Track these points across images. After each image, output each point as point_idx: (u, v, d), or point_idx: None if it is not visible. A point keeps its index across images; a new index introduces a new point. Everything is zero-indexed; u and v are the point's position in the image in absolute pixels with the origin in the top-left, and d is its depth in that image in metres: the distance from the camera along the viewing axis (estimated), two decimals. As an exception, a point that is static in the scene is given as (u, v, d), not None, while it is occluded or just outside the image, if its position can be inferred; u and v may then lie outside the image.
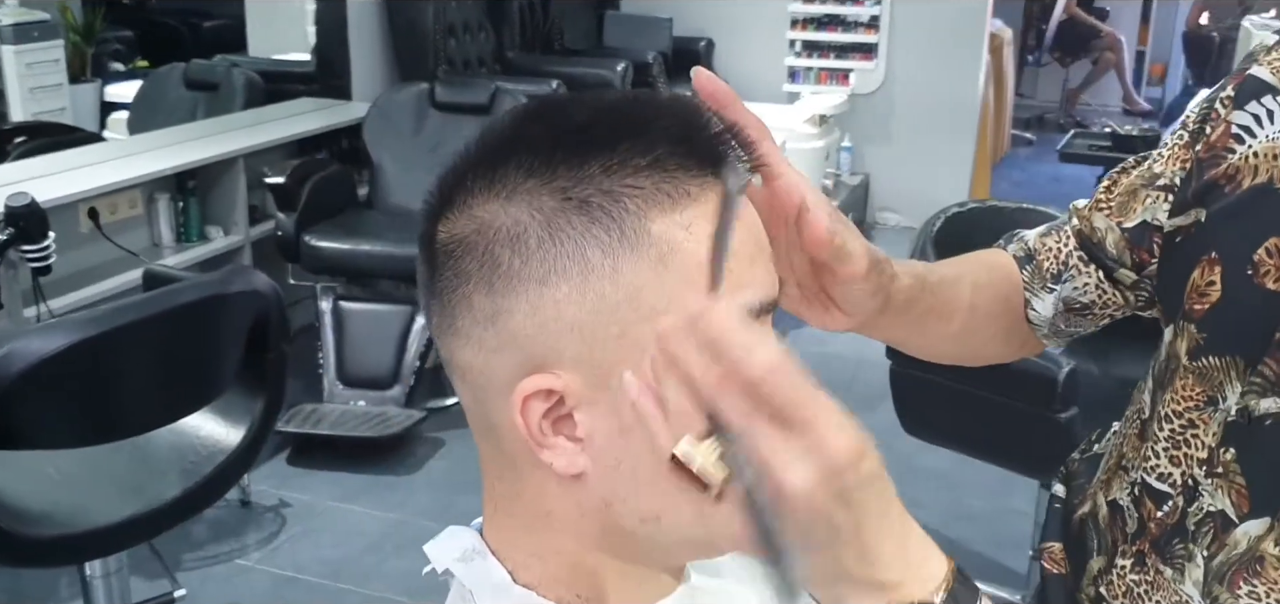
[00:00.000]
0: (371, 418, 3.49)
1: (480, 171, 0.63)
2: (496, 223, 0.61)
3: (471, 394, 0.66)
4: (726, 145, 0.64)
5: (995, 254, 1.11)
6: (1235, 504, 0.91)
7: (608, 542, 0.66)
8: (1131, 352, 3.01)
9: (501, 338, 0.62)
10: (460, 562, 0.70)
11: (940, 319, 0.97)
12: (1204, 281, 0.93)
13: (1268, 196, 0.89)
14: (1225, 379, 0.91)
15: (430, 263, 0.66)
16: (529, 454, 0.64)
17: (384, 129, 4.33)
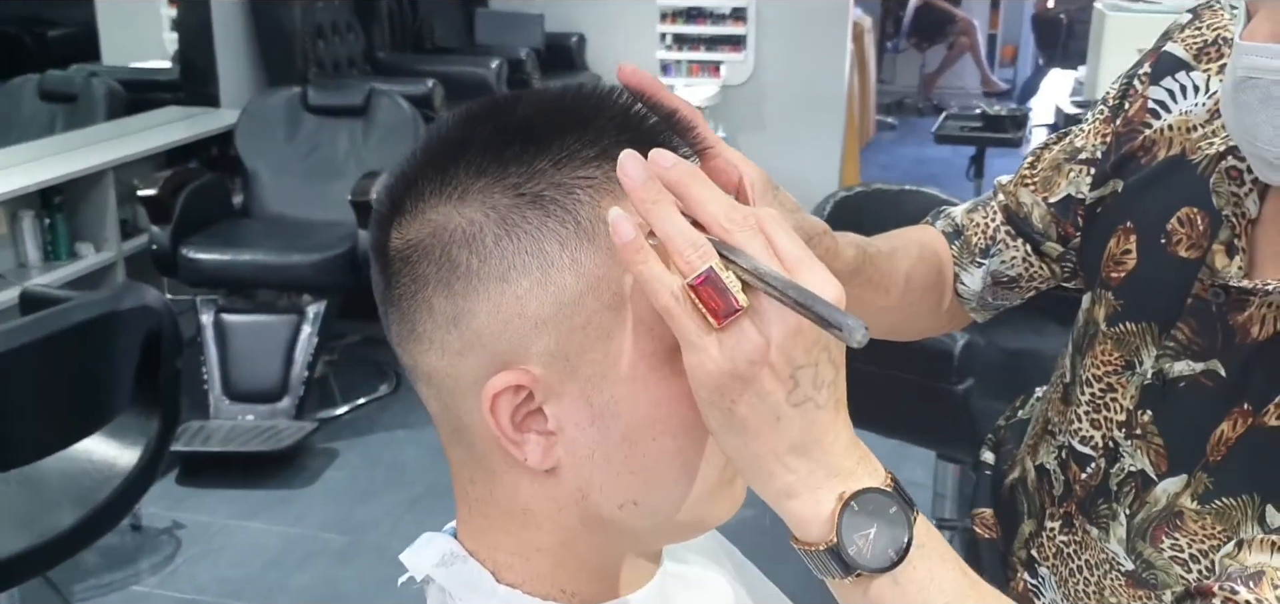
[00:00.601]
0: (262, 432, 3.40)
1: (430, 175, 0.63)
2: (451, 225, 0.61)
3: (438, 399, 0.66)
4: (668, 132, 0.66)
5: (924, 230, 1.14)
6: (1154, 463, 0.95)
7: (587, 532, 0.66)
8: (1015, 324, 3.15)
9: (465, 339, 0.62)
10: (440, 567, 0.69)
11: (878, 291, 0.99)
12: (1120, 250, 0.98)
13: (1180, 168, 0.95)
14: (1141, 344, 0.96)
15: (385, 271, 0.65)
16: (501, 453, 0.64)
17: (257, 135, 4.22)
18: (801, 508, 0.59)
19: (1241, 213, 0.89)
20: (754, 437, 0.57)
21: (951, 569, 0.60)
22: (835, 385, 0.58)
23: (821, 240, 0.85)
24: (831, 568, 0.59)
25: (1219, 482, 0.89)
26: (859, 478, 0.58)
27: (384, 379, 4.08)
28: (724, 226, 0.56)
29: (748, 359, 0.55)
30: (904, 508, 0.58)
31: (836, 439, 0.58)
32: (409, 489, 3.37)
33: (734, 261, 0.56)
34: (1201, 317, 0.91)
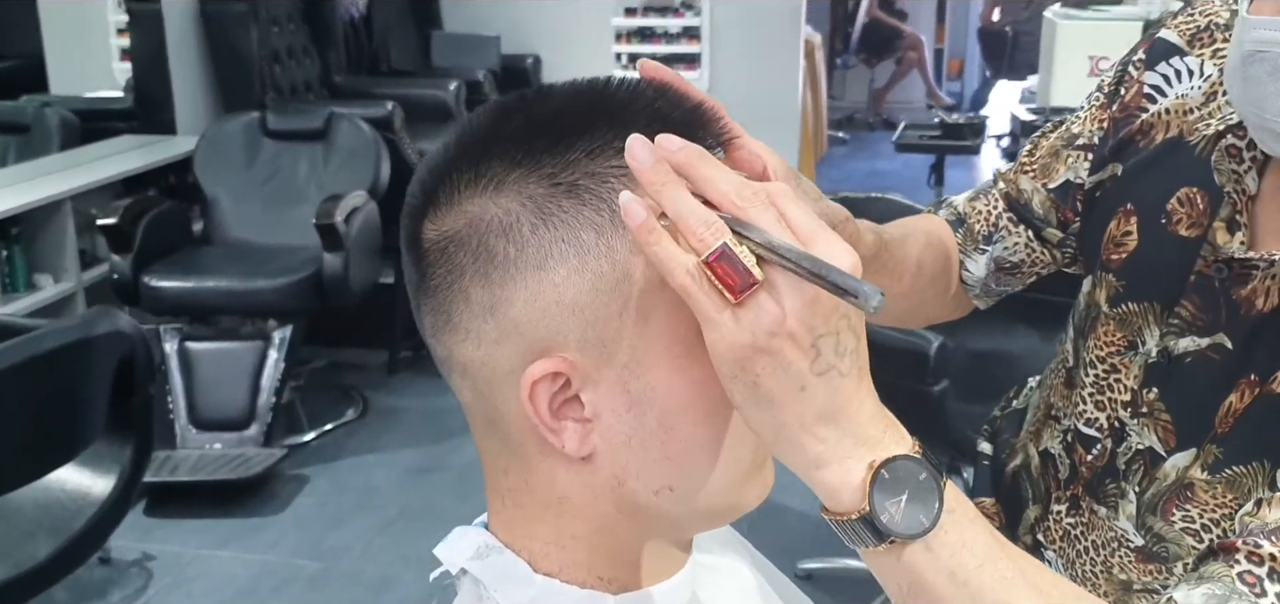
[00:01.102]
0: (230, 460, 3.35)
1: (464, 167, 0.63)
2: (487, 215, 0.62)
3: (473, 390, 0.66)
4: (699, 122, 0.67)
5: (929, 218, 1.16)
6: (1162, 440, 0.97)
7: (623, 520, 0.67)
8: (985, 326, 3.19)
9: (502, 328, 0.62)
10: (475, 559, 0.69)
11: (893, 277, 1.00)
12: (1120, 232, 1.00)
13: (1178, 149, 0.97)
14: (1144, 324, 0.98)
15: (419, 264, 0.66)
16: (537, 442, 0.64)
17: (216, 162, 4.18)
18: (832, 477, 0.59)
19: (1242, 189, 0.92)
20: (781, 408, 0.58)
21: (982, 532, 0.61)
22: (857, 353, 0.58)
23: (845, 227, 0.86)
24: (865, 536, 0.59)
25: (1228, 452, 0.92)
26: (887, 446, 0.59)
27: (351, 404, 4.05)
28: (736, 203, 0.57)
29: (767, 331, 0.56)
30: (934, 474, 0.59)
31: (862, 407, 0.59)
32: (381, 513, 3.34)
33: (747, 236, 0.56)
34: (1205, 292, 0.93)
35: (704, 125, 0.67)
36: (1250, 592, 0.69)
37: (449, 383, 0.69)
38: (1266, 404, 0.88)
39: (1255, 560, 0.70)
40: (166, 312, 3.59)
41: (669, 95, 0.66)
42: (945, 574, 0.60)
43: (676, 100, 0.66)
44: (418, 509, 3.36)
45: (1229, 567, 0.71)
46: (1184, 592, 0.71)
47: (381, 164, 4.17)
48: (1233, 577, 0.70)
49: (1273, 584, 0.69)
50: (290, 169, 4.25)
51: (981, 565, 0.60)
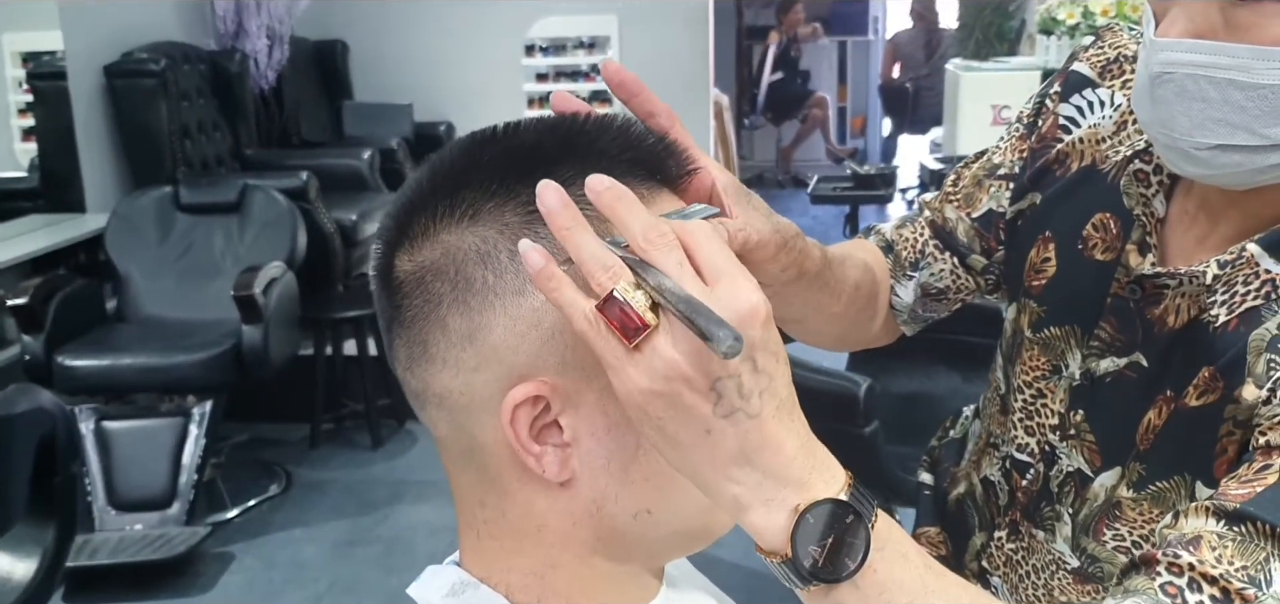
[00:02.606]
0: (153, 540, 3.26)
1: (440, 198, 0.65)
2: (464, 245, 0.63)
3: (450, 421, 0.67)
4: (666, 152, 0.69)
5: (863, 244, 1.18)
6: (1089, 460, 1.00)
7: (602, 546, 0.68)
8: (907, 370, 3.26)
9: (482, 355, 0.63)
10: (450, 597, 0.69)
11: (833, 297, 1.02)
12: (1040, 259, 1.04)
13: (1092, 177, 1.01)
14: (1066, 347, 1.02)
15: (392, 296, 0.67)
16: (516, 470, 0.65)
17: (128, 238, 4.10)
18: (756, 519, 0.59)
19: (1150, 212, 0.95)
20: (690, 451, 0.58)
21: (914, 567, 0.61)
22: (770, 393, 0.58)
23: (795, 242, 0.88)
24: (792, 578, 0.60)
25: (1151, 468, 0.94)
26: (813, 489, 0.59)
27: (274, 479, 3.97)
28: (641, 245, 0.57)
29: (663, 376, 0.56)
30: (861, 516, 0.59)
31: (781, 448, 0.58)
32: (312, 587, 3.27)
33: (644, 280, 0.57)
34: (1121, 314, 0.96)
35: (671, 155, 0.70)
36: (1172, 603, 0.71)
37: (423, 417, 0.70)
38: (1181, 419, 0.90)
39: (1175, 571, 0.72)
40: (81, 391, 3.50)
41: (638, 126, 0.69)
42: None
43: (645, 132, 0.69)
44: (347, 581, 3.30)
45: (1151, 579, 0.73)
46: None
47: (298, 234, 4.13)
48: (1155, 589, 0.72)
49: (1193, 594, 0.71)
50: (205, 243, 4.19)
51: (913, 601, 0.61)
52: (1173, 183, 0.96)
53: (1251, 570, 0.71)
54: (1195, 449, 0.88)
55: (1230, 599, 0.70)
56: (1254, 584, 0.70)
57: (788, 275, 0.89)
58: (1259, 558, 0.71)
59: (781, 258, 0.87)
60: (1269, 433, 0.78)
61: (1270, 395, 0.80)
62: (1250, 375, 0.83)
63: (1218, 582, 0.71)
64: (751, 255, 0.84)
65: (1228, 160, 0.82)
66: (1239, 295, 0.86)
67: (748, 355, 0.56)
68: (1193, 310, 0.90)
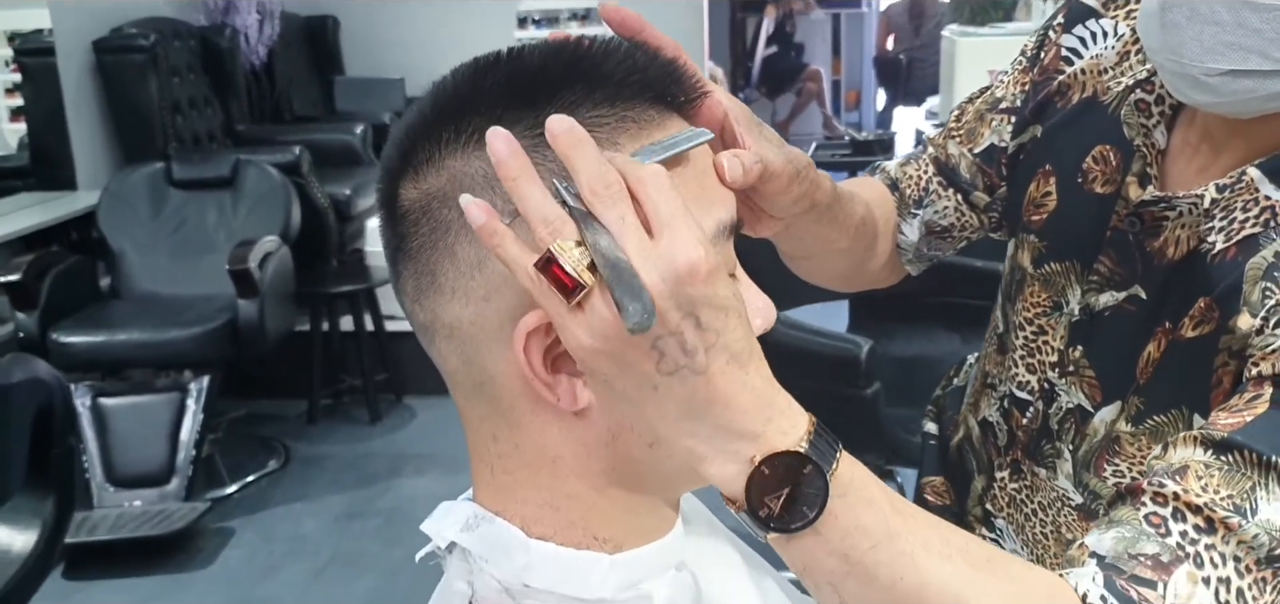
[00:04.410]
0: (152, 516, 3.23)
1: (444, 126, 0.63)
2: (470, 170, 0.62)
3: (460, 354, 0.65)
4: (672, 77, 0.67)
5: (870, 182, 1.16)
6: (1089, 396, 0.99)
7: (617, 475, 0.66)
8: (907, 333, 3.25)
9: (491, 283, 0.62)
10: (464, 531, 0.68)
11: (840, 232, 1.00)
12: (1040, 193, 1.02)
13: (1093, 109, 0.99)
14: (1066, 283, 1.00)
15: (398, 226, 0.65)
16: (529, 401, 0.64)
17: (121, 214, 4.06)
18: (712, 471, 0.59)
19: (1151, 143, 0.93)
20: (640, 406, 0.58)
21: (879, 511, 0.61)
22: (718, 348, 0.56)
23: (807, 172, 0.86)
24: (753, 528, 0.60)
25: (1149, 401, 0.93)
26: (768, 440, 0.58)
27: (272, 454, 3.95)
28: (587, 197, 0.56)
29: (603, 335, 0.55)
30: (820, 463, 0.58)
31: (733, 400, 0.57)
32: (313, 560, 3.25)
33: (584, 237, 0.55)
34: (1120, 247, 0.94)
35: (677, 80, 0.67)
36: (1156, 533, 0.70)
37: (432, 352, 0.68)
38: (1179, 350, 0.89)
39: (1160, 501, 0.71)
40: (77, 368, 3.47)
41: (644, 50, 0.66)
42: (837, 557, 0.60)
43: (652, 56, 0.66)
44: (349, 554, 3.28)
45: (1136, 509, 0.72)
46: (1095, 536, 0.72)
47: (292, 209, 4.10)
48: (1140, 519, 0.71)
49: (1177, 523, 0.70)
50: (198, 218, 4.16)
51: (876, 545, 0.60)
52: (1174, 113, 0.94)
53: (1237, 499, 0.70)
54: (1191, 382, 0.87)
55: (1214, 528, 0.70)
56: (1239, 513, 0.70)
57: (800, 207, 0.88)
58: (1245, 487, 0.71)
59: (794, 189, 0.85)
60: (1261, 363, 0.76)
61: (1264, 324, 0.79)
62: (1245, 304, 0.82)
63: (1202, 511, 0.70)
64: (766, 186, 0.83)
65: (1239, 86, 0.80)
66: (1238, 222, 0.85)
67: (689, 313, 0.55)
68: (1192, 241, 0.88)
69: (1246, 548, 0.69)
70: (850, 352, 2.54)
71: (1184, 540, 0.70)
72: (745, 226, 0.85)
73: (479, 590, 0.66)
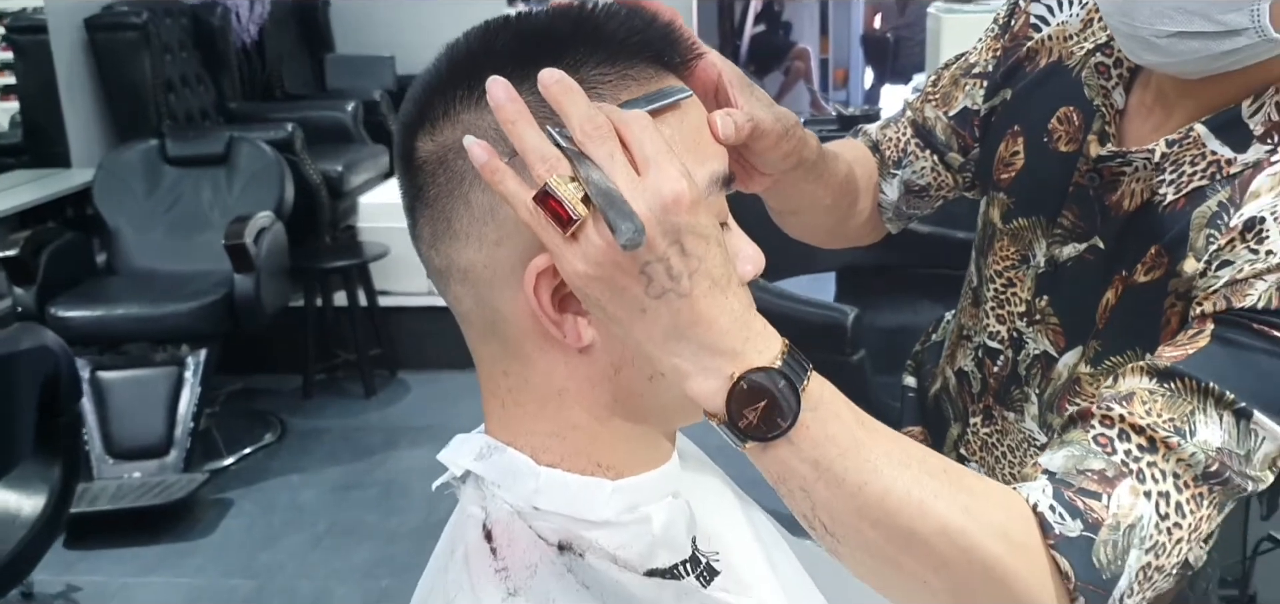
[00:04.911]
0: (151, 487, 3.28)
1: (458, 82, 0.68)
2: (483, 124, 0.66)
3: (474, 295, 0.70)
4: (669, 40, 0.72)
5: (853, 144, 1.22)
6: (1053, 342, 1.05)
7: (619, 407, 0.71)
8: (892, 304, 3.30)
9: (503, 229, 0.66)
10: (478, 460, 0.73)
11: (825, 189, 1.06)
12: (1009, 152, 1.09)
13: (1058, 72, 1.05)
14: (1033, 237, 1.06)
15: (416, 177, 0.70)
16: (537, 338, 0.69)
17: (116, 191, 4.10)
18: (695, 387, 0.64)
19: (1110, 104, 0.99)
20: (629, 327, 0.63)
21: (846, 424, 0.66)
22: (701, 273, 0.61)
23: (795, 130, 0.92)
24: (732, 439, 0.65)
25: (1107, 344, 0.99)
26: (746, 358, 0.63)
27: (268, 428, 4.00)
28: (578, 137, 0.60)
29: (596, 262, 0.60)
30: (793, 379, 0.64)
31: (714, 321, 0.62)
32: (311, 528, 3.31)
33: (577, 172, 0.60)
34: (1082, 202, 1.00)
35: (673, 43, 0.72)
36: (1103, 451, 0.76)
37: (447, 295, 0.73)
38: (1133, 294, 0.95)
39: (1107, 423, 0.77)
40: (75, 342, 3.48)
41: (642, 14, 0.71)
42: (808, 464, 0.66)
43: (650, 19, 0.71)
44: (347, 524, 3.34)
45: (1085, 431, 0.78)
46: (1047, 456, 0.78)
47: (286, 185, 4.13)
48: (1088, 439, 0.77)
49: (1122, 443, 0.76)
50: (193, 195, 4.19)
51: (843, 453, 0.66)
52: (1132, 76, 0.99)
53: (1177, 422, 0.76)
54: (1144, 323, 0.93)
55: (1156, 447, 0.76)
56: (1179, 434, 0.76)
57: (788, 163, 0.93)
58: (1185, 411, 0.77)
59: (783, 145, 0.91)
60: (1204, 302, 0.82)
61: (1207, 267, 0.85)
62: (1191, 250, 0.88)
63: (1145, 431, 0.76)
64: (756, 143, 0.88)
65: (1185, 47, 0.85)
66: (1186, 175, 0.91)
67: (674, 240, 0.60)
68: (1145, 194, 0.94)
69: (1184, 465, 0.75)
70: (837, 320, 2.59)
71: (1128, 458, 0.76)
72: (737, 182, 0.90)
73: (492, 513, 0.72)
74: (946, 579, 0.69)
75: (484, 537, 0.71)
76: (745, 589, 0.78)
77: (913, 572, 0.69)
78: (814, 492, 0.66)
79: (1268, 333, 0.77)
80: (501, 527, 0.71)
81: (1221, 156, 0.89)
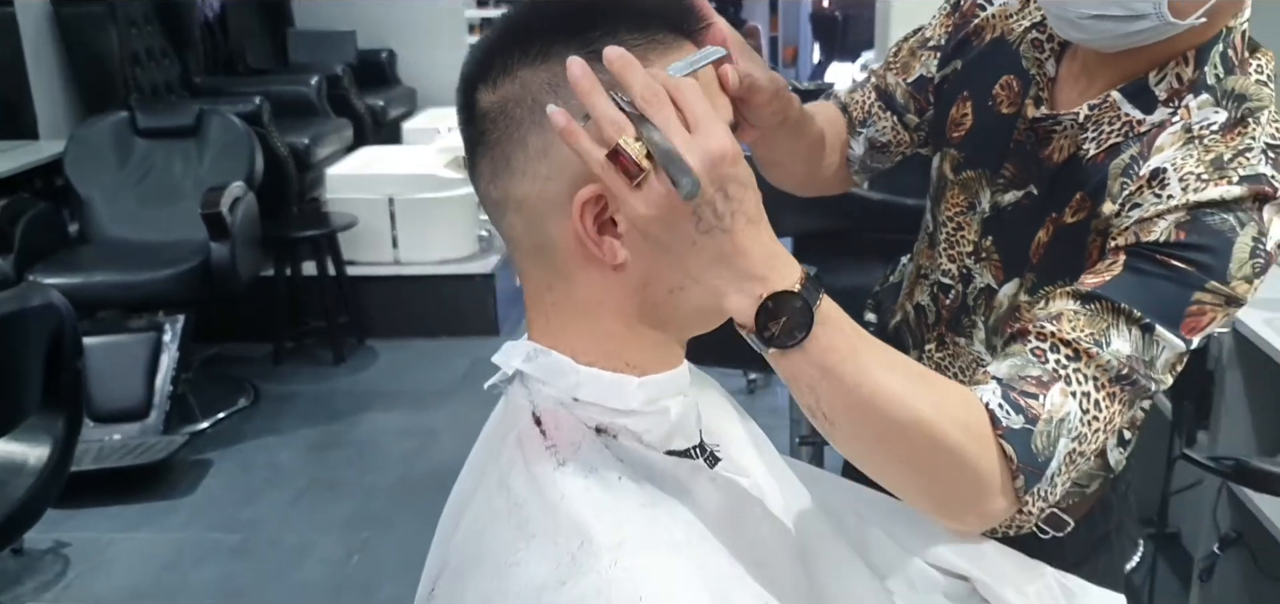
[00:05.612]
0: (132, 448, 3.39)
1: (516, 43, 0.82)
2: (538, 79, 0.81)
3: (525, 222, 0.84)
4: (686, 12, 0.88)
5: (826, 105, 1.40)
6: (995, 276, 1.22)
7: (645, 315, 0.86)
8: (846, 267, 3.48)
9: (553, 165, 0.81)
10: (527, 361, 0.88)
11: (802, 142, 1.23)
12: (960, 115, 1.26)
13: (1001, 46, 1.23)
14: (979, 187, 1.23)
15: (477, 124, 0.84)
16: (579, 259, 0.83)
17: (88, 162, 4.17)
18: (731, 304, 0.80)
19: (1043, 73, 1.16)
20: (681, 257, 0.78)
21: (847, 336, 0.82)
22: (740, 213, 0.75)
23: (783, 92, 1.08)
24: (758, 345, 0.81)
25: (1040, 277, 1.16)
26: (772, 282, 0.77)
27: (242, 392, 4.10)
28: (640, 104, 0.73)
29: (656, 206, 0.74)
30: (809, 300, 0.79)
31: (749, 251, 0.76)
32: (292, 486, 3.44)
33: (641, 132, 0.73)
34: (1020, 156, 1.17)
35: (689, 12, 0.89)
36: (1038, 361, 0.93)
37: (500, 225, 0.87)
38: (1061, 233, 1.12)
39: (1041, 338, 0.95)
40: (54, 309, 3.59)
41: None
42: (817, 367, 0.81)
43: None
44: (326, 480, 3.47)
45: (1024, 345, 0.95)
46: (995, 365, 0.95)
47: (256, 156, 4.23)
48: (1027, 352, 0.94)
49: (1053, 354, 0.93)
50: (164, 167, 4.27)
51: (844, 359, 0.81)
52: (1062, 49, 1.17)
53: (1096, 335, 0.93)
54: (1071, 258, 1.10)
55: (1079, 356, 0.93)
56: (1098, 345, 0.93)
57: (776, 119, 1.10)
58: (1103, 326, 0.94)
59: (774, 103, 1.07)
60: (1118, 237, 0.99)
61: (1121, 209, 1.02)
62: (1109, 195, 1.06)
63: (1071, 344, 0.93)
64: (752, 98, 1.05)
65: (1103, 27, 1.03)
66: (1105, 133, 1.08)
67: (720, 187, 0.75)
68: (1072, 149, 1.11)
69: (1102, 370, 0.93)
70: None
71: (1058, 366, 0.93)
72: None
73: (539, 404, 0.87)
74: (919, 459, 0.87)
75: (534, 422, 0.86)
76: (742, 472, 0.94)
77: (892, 452, 0.86)
78: (818, 388, 0.83)
79: (1168, 262, 0.95)
80: (549, 414, 0.86)
81: (1133, 118, 1.06)
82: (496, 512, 0.85)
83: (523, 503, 0.83)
